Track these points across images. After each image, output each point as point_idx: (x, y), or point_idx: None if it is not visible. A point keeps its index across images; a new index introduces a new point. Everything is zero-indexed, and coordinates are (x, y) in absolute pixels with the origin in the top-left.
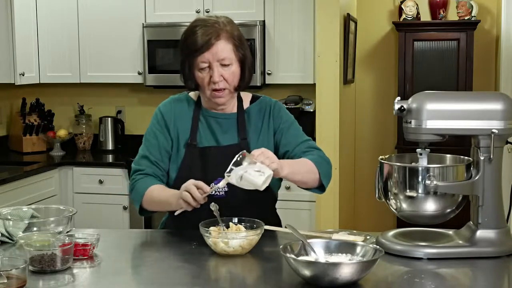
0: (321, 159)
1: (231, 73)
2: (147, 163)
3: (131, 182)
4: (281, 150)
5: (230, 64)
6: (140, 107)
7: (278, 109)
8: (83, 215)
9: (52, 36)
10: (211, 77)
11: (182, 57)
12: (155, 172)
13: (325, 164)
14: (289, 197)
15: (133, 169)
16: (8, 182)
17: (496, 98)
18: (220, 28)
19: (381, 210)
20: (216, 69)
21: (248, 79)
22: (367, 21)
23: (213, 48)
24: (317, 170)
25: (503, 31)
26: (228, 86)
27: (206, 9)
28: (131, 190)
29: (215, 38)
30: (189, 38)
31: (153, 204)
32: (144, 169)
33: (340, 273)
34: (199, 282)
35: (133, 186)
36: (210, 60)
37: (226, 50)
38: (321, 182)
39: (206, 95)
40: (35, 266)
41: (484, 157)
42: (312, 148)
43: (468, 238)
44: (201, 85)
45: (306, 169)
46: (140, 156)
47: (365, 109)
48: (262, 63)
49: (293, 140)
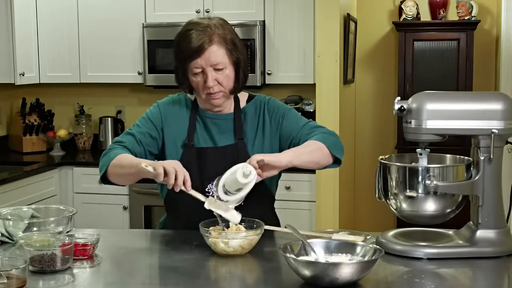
0: (325, 134)
1: (225, 76)
2: (130, 138)
3: (106, 150)
4: (286, 140)
5: (224, 68)
6: (140, 107)
7: (272, 104)
8: (83, 215)
9: (52, 36)
10: (205, 82)
11: (176, 62)
12: (134, 149)
13: (331, 137)
14: (289, 197)
15: (114, 140)
16: (8, 182)
17: (496, 98)
18: (212, 32)
19: (381, 210)
20: (209, 74)
21: (244, 80)
22: (367, 21)
23: (205, 54)
24: (323, 146)
25: (503, 31)
26: (223, 89)
27: (206, 9)
28: (102, 156)
29: (207, 43)
30: (181, 43)
31: (121, 167)
32: (125, 141)
33: (340, 273)
34: (199, 282)
35: (106, 152)
36: (203, 65)
37: (219, 55)
38: (334, 156)
39: (201, 98)
40: (35, 266)
41: (484, 157)
42: (314, 128)
43: (468, 238)
44: (196, 89)
45: (310, 149)
46: (125, 132)
47: (365, 109)
48: (262, 63)
49: (294, 126)
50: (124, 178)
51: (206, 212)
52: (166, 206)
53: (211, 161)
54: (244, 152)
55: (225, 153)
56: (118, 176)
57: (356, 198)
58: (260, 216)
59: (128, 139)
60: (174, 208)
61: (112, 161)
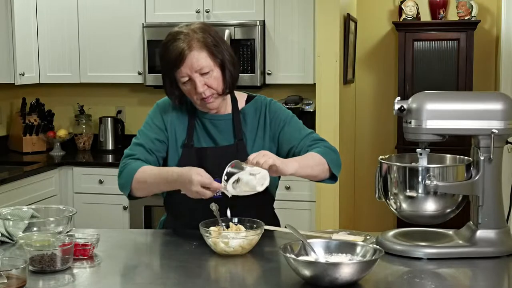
0: (328, 149)
1: (213, 79)
2: (140, 149)
3: (121, 166)
4: (285, 148)
5: (210, 71)
6: (140, 107)
7: (274, 108)
8: (83, 215)
9: (52, 36)
10: (196, 88)
11: (162, 74)
12: (147, 159)
13: (332, 154)
14: (289, 197)
15: (125, 154)
16: (8, 182)
17: (496, 98)
18: (191, 38)
19: (381, 210)
20: (197, 79)
21: (231, 80)
22: (367, 21)
23: (187, 61)
24: (325, 161)
25: (503, 31)
26: (214, 91)
27: (206, 9)
28: (119, 174)
29: (187, 50)
30: (164, 55)
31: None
32: (136, 154)
33: (340, 273)
34: (199, 282)
35: (123, 169)
36: (188, 73)
37: (201, 59)
38: (332, 172)
39: (197, 104)
40: (35, 266)
41: (484, 157)
42: (317, 140)
43: (468, 238)
44: (189, 96)
45: (314, 162)
46: (134, 143)
47: (365, 109)
48: (262, 63)
49: (296, 135)
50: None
51: (206, 212)
52: (166, 206)
53: (211, 161)
54: (244, 152)
55: (225, 153)
56: (144, 186)
57: (356, 198)
58: (260, 216)
59: (139, 150)
60: (174, 208)
61: (133, 178)
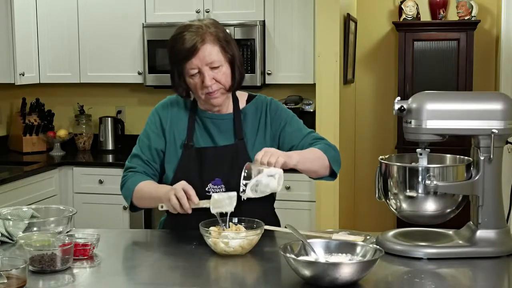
0: (328, 146)
1: (222, 74)
2: (138, 162)
3: (122, 179)
4: (286, 147)
5: (220, 65)
6: (140, 107)
7: (275, 108)
8: (83, 215)
9: (52, 36)
10: (203, 82)
11: (171, 65)
12: (146, 171)
13: (333, 151)
14: (289, 197)
15: (125, 166)
16: (8, 182)
17: (496, 98)
18: (204, 31)
19: (381, 210)
20: (206, 73)
21: (240, 78)
22: (367, 21)
23: (200, 53)
24: (325, 157)
25: (503, 31)
26: (221, 86)
27: (206, 9)
28: (121, 187)
29: (200, 43)
30: (175, 46)
31: (143, 200)
32: (136, 167)
33: (340, 273)
34: (199, 282)
35: (124, 182)
36: (198, 65)
37: (213, 53)
38: (332, 169)
39: (201, 98)
40: (35, 266)
41: (484, 157)
42: (317, 139)
43: (468, 238)
44: (194, 90)
45: (314, 156)
46: (133, 155)
47: (365, 109)
48: (262, 63)
49: (297, 134)
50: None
51: (205, 212)
52: None
53: (211, 161)
54: (244, 152)
55: (225, 153)
56: (143, 204)
57: (356, 198)
58: (260, 216)
59: (137, 163)
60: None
61: (133, 194)
